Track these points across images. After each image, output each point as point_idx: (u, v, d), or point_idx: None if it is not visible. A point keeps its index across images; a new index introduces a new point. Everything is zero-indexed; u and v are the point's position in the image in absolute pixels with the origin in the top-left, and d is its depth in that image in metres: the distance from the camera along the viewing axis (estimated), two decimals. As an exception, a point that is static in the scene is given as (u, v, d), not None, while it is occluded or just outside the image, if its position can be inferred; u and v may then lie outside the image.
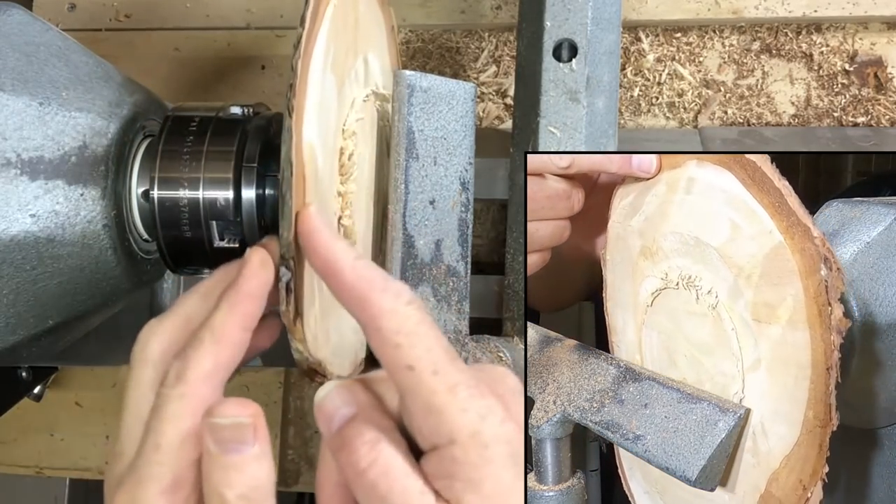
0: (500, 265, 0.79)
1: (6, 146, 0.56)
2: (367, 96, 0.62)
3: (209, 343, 0.48)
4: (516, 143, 0.78)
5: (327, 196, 0.56)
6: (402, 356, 0.44)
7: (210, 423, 0.45)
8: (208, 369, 0.47)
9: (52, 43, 0.62)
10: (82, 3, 1.15)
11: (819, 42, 1.03)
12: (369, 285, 0.45)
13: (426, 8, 1.07)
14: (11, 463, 1.16)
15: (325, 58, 0.53)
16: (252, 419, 0.45)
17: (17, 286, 0.57)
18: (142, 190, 0.62)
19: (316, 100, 0.52)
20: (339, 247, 0.47)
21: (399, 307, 0.45)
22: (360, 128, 0.60)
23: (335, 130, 0.57)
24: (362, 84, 0.62)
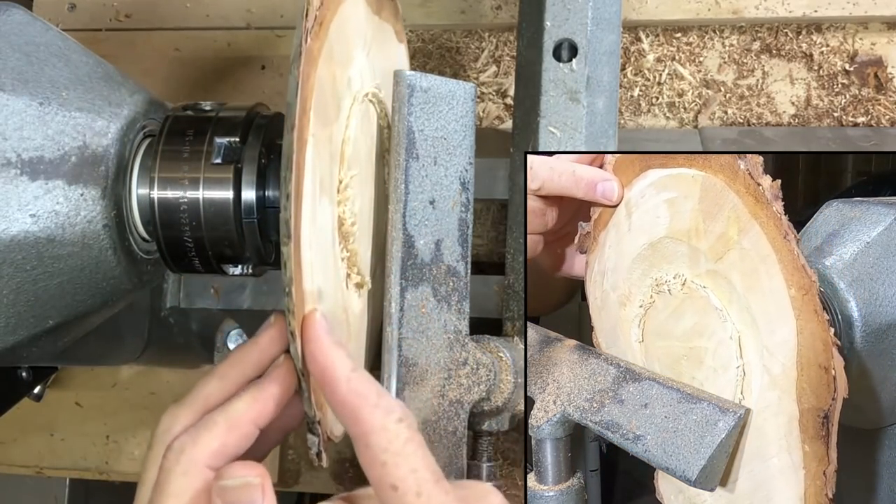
0: (500, 265, 0.79)
1: (6, 146, 0.56)
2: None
3: (222, 426, 0.50)
4: (516, 143, 0.78)
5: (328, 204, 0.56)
6: (388, 475, 0.46)
7: (220, 485, 0.47)
8: (214, 449, 0.49)
9: (52, 43, 0.62)
10: (82, 3, 1.15)
11: (819, 42, 1.03)
12: (361, 400, 0.47)
13: (426, 8, 1.07)
14: (11, 463, 1.16)
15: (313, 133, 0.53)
16: (260, 479, 0.47)
17: (17, 286, 0.57)
18: (142, 190, 0.62)
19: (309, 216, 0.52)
20: (338, 358, 0.48)
21: (389, 424, 0.47)
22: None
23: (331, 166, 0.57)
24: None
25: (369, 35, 0.64)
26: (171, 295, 0.88)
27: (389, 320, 0.59)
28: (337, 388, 0.48)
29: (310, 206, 0.51)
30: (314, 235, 0.52)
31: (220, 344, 0.96)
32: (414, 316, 0.60)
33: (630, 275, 0.65)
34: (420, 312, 0.60)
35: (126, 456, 1.13)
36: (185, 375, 1.13)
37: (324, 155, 0.53)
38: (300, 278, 0.49)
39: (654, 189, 0.63)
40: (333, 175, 0.56)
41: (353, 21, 0.59)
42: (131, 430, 1.13)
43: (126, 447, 1.13)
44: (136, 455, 1.13)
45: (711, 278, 0.59)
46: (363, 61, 0.62)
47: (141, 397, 1.13)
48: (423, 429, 0.60)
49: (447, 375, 0.62)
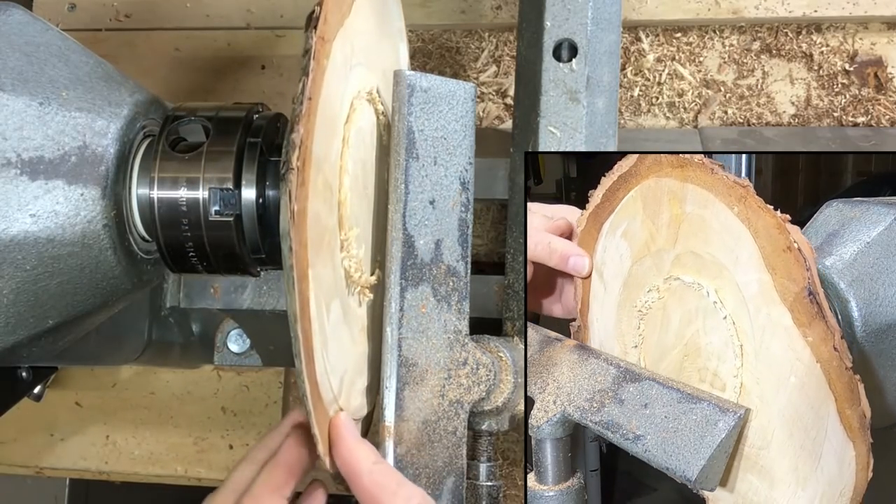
0: (500, 265, 0.79)
1: (6, 146, 0.56)
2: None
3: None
4: (516, 143, 0.78)
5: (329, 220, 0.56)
6: None
7: None
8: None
9: (52, 43, 0.62)
10: (82, 3, 1.15)
11: (819, 42, 1.03)
12: (382, 491, 0.52)
13: (426, 8, 1.07)
14: (11, 463, 1.16)
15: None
16: None
17: (17, 286, 0.57)
18: (142, 190, 0.62)
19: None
20: (361, 452, 0.54)
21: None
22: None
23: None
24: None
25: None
26: (171, 295, 0.88)
27: (389, 320, 0.59)
28: (360, 481, 0.53)
29: (319, 338, 0.53)
30: (326, 345, 0.54)
31: (220, 344, 0.96)
32: (414, 316, 0.60)
33: (619, 326, 0.68)
34: (420, 312, 0.60)
35: (126, 456, 1.13)
36: (185, 375, 1.13)
37: (324, 272, 0.54)
38: (317, 393, 0.52)
39: (611, 235, 0.67)
40: (336, 262, 0.57)
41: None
42: (131, 430, 1.13)
43: (126, 447, 1.13)
44: (136, 455, 1.13)
45: (678, 265, 0.61)
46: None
47: (141, 397, 1.13)
48: (423, 429, 0.60)
49: (447, 375, 0.62)
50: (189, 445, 1.12)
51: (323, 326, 0.53)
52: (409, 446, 0.59)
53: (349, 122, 0.59)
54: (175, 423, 1.13)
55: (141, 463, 1.13)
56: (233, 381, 1.12)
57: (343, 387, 0.57)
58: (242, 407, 1.12)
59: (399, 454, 0.58)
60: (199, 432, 1.12)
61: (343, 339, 0.58)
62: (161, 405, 1.13)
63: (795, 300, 0.52)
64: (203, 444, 1.12)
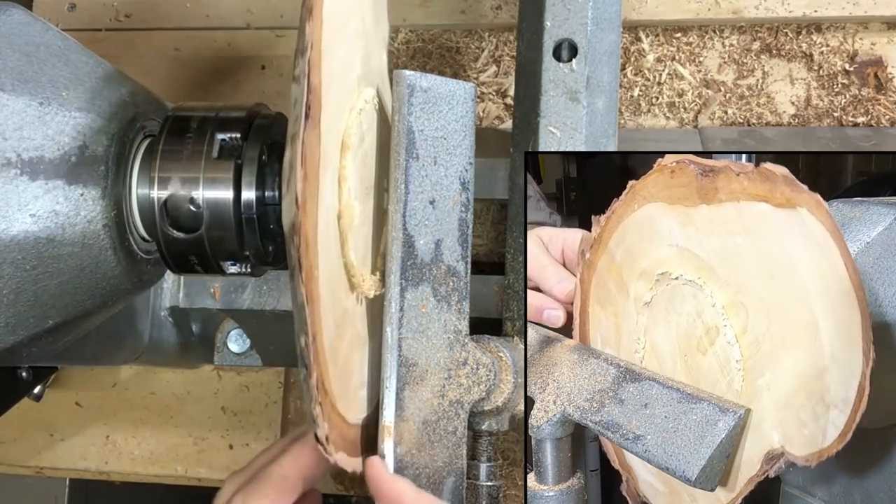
0: (500, 265, 0.79)
1: (6, 146, 0.56)
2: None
3: (276, 477, 0.57)
4: (516, 143, 0.78)
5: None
6: None
7: None
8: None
9: (52, 43, 0.62)
10: (82, 3, 1.15)
11: (819, 42, 1.03)
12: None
13: (426, 8, 1.07)
14: (11, 463, 1.16)
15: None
16: None
17: (18, 286, 0.57)
18: (142, 190, 0.62)
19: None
20: (401, 484, 0.56)
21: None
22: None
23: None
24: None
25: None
26: (171, 295, 0.88)
27: (389, 320, 0.59)
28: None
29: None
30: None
31: (220, 344, 0.97)
32: (414, 316, 0.60)
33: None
34: (420, 312, 0.60)
35: (126, 456, 1.13)
36: (185, 375, 1.13)
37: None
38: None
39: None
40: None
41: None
42: (131, 430, 1.13)
43: (126, 447, 1.13)
44: (136, 455, 1.13)
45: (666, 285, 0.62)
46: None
47: (141, 397, 1.13)
48: (423, 429, 0.60)
49: (447, 375, 0.62)
50: (189, 445, 1.12)
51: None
52: (409, 446, 0.59)
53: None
54: (175, 423, 1.13)
55: (141, 463, 1.13)
56: (233, 381, 1.12)
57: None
58: (242, 407, 1.12)
59: (399, 454, 0.58)
60: (199, 432, 1.12)
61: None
62: (161, 405, 1.13)
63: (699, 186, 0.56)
64: (203, 444, 1.12)
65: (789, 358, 0.54)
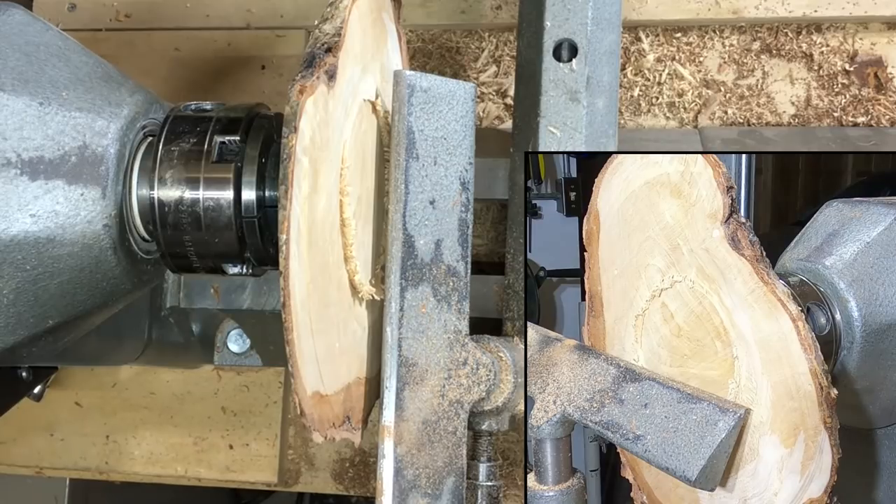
0: (500, 265, 0.79)
1: (6, 146, 0.56)
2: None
3: None
4: (516, 143, 0.78)
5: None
6: None
7: None
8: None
9: (52, 43, 0.62)
10: (82, 3, 1.15)
11: (819, 42, 1.03)
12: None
13: (426, 8, 1.07)
14: (11, 463, 1.16)
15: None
16: None
17: (17, 286, 0.57)
18: (142, 190, 0.62)
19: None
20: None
21: None
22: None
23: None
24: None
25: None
26: (171, 295, 0.88)
27: (389, 320, 0.59)
28: None
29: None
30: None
31: (220, 344, 0.97)
32: (414, 316, 0.60)
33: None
34: (420, 312, 0.60)
35: (126, 456, 1.13)
36: (185, 375, 1.13)
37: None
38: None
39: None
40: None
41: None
42: (131, 430, 1.13)
43: (126, 447, 1.13)
44: (136, 455, 1.13)
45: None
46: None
47: (141, 397, 1.13)
48: (423, 429, 0.60)
49: (447, 375, 0.62)
50: (189, 445, 1.12)
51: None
52: (409, 446, 0.59)
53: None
54: (175, 423, 1.13)
55: (141, 463, 1.13)
56: (233, 381, 1.12)
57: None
58: (242, 407, 1.12)
59: (399, 454, 0.58)
60: (199, 432, 1.12)
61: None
62: (161, 405, 1.13)
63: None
64: (203, 444, 1.12)
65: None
